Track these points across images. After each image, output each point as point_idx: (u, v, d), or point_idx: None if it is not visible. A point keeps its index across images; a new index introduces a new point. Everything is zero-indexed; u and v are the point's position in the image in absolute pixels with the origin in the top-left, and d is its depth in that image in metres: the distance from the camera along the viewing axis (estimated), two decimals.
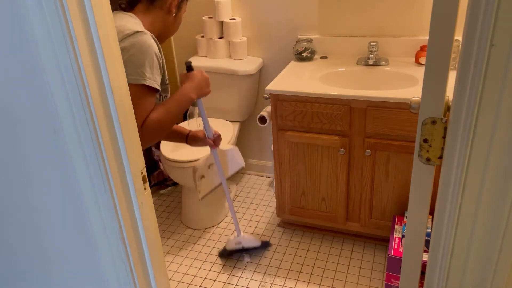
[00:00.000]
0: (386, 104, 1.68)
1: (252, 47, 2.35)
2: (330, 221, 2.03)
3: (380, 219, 1.92)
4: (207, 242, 2.16)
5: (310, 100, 1.79)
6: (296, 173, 1.98)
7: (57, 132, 0.90)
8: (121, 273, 1.04)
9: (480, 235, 0.75)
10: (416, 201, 0.86)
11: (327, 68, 2.03)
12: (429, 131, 0.78)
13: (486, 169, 0.69)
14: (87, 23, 0.80)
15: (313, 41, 2.16)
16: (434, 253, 0.83)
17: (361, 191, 1.89)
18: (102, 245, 1.02)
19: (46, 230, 1.08)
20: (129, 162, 0.94)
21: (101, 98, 0.86)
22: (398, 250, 1.64)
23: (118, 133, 0.91)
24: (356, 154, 1.82)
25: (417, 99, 0.79)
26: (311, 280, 1.87)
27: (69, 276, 1.15)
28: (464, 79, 0.66)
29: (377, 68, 1.99)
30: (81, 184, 0.94)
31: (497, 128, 0.65)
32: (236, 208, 2.41)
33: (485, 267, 0.77)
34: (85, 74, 0.82)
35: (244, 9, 2.26)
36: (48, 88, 0.85)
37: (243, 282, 1.89)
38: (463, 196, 0.73)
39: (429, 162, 0.81)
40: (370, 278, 1.86)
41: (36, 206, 1.05)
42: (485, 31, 0.61)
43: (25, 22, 0.80)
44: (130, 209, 0.99)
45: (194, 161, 1.95)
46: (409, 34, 2.03)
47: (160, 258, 1.12)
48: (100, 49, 0.83)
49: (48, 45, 0.80)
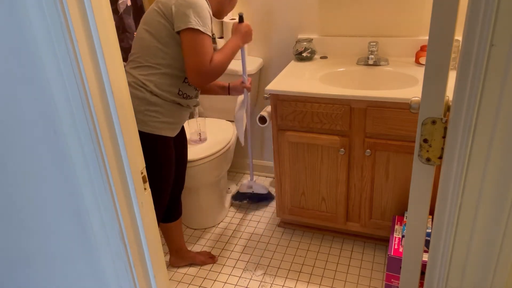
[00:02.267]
0: (386, 104, 1.68)
1: (252, 47, 2.35)
2: (330, 221, 2.03)
3: (380, 219, 1.92)
4: (207, 242, 2.16)
5: (310, 100, 1.79)
6: (296, 173, 1.98)
7: (57, 132, 0.90)
8: (121, 273, 1.04)
9: (480, 235, 0.75)
10: (416, 201, 0.86)
11: (327, 68, 2.03)
12: (429, 131, 0.78)
13: (486, 169, 0.69)
14: (87, 23, 0.80)
15: (313, 41, 2.16)
16: (434, 253, 0.83)
17: (361, 191, 1.89)
18: (102, 245, 1.02)
19: (46, 230, 1.08)
20: (129, 162, 0.94)
21: (101, 98, 0.86)
22: (398, 250, 1.64)
23: (118, 133, 0.91)
24: (356, 154, 1.82)
25: (417, 99, 0.79)
26: (311, 280, 1.87)
27: (69, 276, 1.15)
28: (464, 79, 0.66)
29: (377, 68, 1.99)
30: (81, 184, 0.94)
31: (497, 128, 0.65)
32: (236, 208, 2.41)
33: (485, 267, 0.77)
34: (85, 74, 0.82)
35: (244, 9, 2.26)
36: (48, 88, 0.85)
37: (243, 282, 1.89)
38: (463, 196, 0.73)
39: (429, 162, 0.81)
40: (370, 278, 1.86)
41: (36, 206, 1.05)
42: (485, 31, 0.61)
43: (25, 22, 0.80)
44: (130, 209, 0.99)
45: (194, 160, 1.96)
46: (409, 34, 2.03)
47: (160, 258, 1.12)
48: (100, 49, 0.83)
49: (48, 45, 0.80)
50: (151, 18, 1.48)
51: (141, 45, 1.51)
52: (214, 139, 2.12)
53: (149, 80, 1.49)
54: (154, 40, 1.48)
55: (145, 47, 1.49)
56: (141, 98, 1.47)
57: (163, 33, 1.47)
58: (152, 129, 1.50)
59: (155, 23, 1.47)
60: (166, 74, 1.50)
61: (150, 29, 1.48)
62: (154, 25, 1.47)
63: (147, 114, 1.48)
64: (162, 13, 1.46)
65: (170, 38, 1.47)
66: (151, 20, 1.48)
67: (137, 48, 1.52)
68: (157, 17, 1.47)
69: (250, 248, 2.09)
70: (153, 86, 1.49)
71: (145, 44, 1.49)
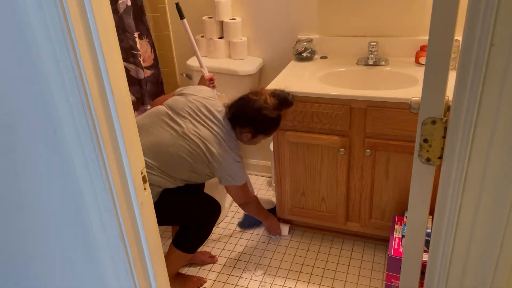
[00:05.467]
0: (386, 104, 1.68)
1: (252, 47, 2.35)
2: (330, 221, 2.03)
3: (380, 219, 1.92)
4: (207, 242, 2.16)
5: (310, 100, 1.79)
6: (296, 173, 1.98)
7: (57, 132, 0.90)
8: (121, 273, 1.04)
9: (480, 235, 0.75)
10: (416, 201, 0.86)
11: (327, 68, 2.03)
12: (429, 131, 0.78)
13: (486, 169, 0.69)
14: (87, 23, 0.80)
15: (313, 41, 2.16)
16: (434, 253, 0.83)
17: (361, 191, 1.89)
18: (102, 245, 1.02)
19: (46, 230, 1.08)
20: (129, 162, 0.94)
21: (101, 98, 0.86)
22: (398, 250, 1.64)
23: (118, 133, 0.91)
24: (356, 154, 1.82)
25: (417, 99, 0.79)
26: (311, 280, 1.87)
27: (69, 276, 1.15)
28: (464, 79, 0.66)
29: (377, 68, 1.99)
30: (81, 184, 0.94)
31: (497, 128, 0.65)
32: (236, 208, 2.41)
33: (485, 267, 0.77)
34: (85, 74, 0.82)
35: (244, 9, 2.26)
36: (48, 88, 0.85)
37: (243, 282, 1.89)
38: (463, 196, 0.73)
39: (429, 162, 0.81)
40: (370, 278, 1.86)
41: (36, 206, 1.05)
42: (485, 31, 0.61)
43: (25, 22, 0.80)
44: (130, 209, 0.99)
45: None
46: (409, 34, 2.03)
47: (160, 258, 1.12)
48: (100, 49, 0.83)
49: (48, 45, 0.80)
50: (199, 160, 1.62)
51: (174, 166, 1.61)
52: None
53: (155, 180, 1.60)
54: (189, 171, 1.62)
55: (177, 168, 1.61)
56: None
57: (202, 170, 1.65)
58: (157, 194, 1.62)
59: (201, 166, 1.63)
60: (174, 182, 1.65)
61: (193, 163, 1.62)
62: (199, 165, 1.63)
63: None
64: (210, 171, 1.66)
65: (203, 165, 1.64)
66: (199, 161, 1.62)
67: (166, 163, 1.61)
68: (205, 164, 1.63)
69: (250, 248, 2.09)
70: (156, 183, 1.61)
71: (179, 167, 1.61)
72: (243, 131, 1.70)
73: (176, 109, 1.66)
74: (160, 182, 1.59)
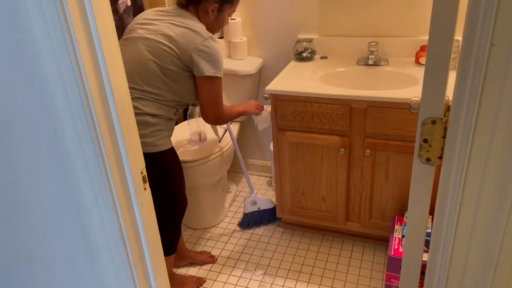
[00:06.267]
0: (386, 104, 1.68)
1: (252, 47, 2.35)
2: (330, 221, 2.03)
3: (380, 219, 1.92)
4: (207, 242, 2.16)
5: (310, 100, 1.79)
6: (296, 173, 1.98)
7: (57, 132, 0.90)
8: (121, 273, 1.04)
9: (480, 235, 0.75)
10: (416, 201, 0.86)
11: (327, 68, 2.03)
12: (429, 131, 0.78)
13: (486, 169, 0.69)
14: (87, 23, 0.80)
15: (313, 41, 2.16)
16: (434, 253, 0.83)
17: (361, 191, 1.89)
18: (102, 245, 1.02)
19: (46, 230, 1.08)
20: (129, 162, 0.94)
21: (101, 98, 0.86)
22: (398, 250, 1.64)
23: (118, 133, 0.91)
24: (356, 154, 1.82)
25: (417, 99, 0.79)
26: (311, 280, 1.87)
27: (69, 276, 1.15)
28: (464, 79, 0.66)
29: (377, 68, 1.99)
30: (81, 184, 0.94)
31: (497, 128, 0.65)
32: (236, 208, 2.41)
33: (485, 267, 0.77)
34: (85, 74, 0.82)
35: (244, 9, 2.26)
36: (48, 88, 0.85)
37: (243, 282, 1.89)
38: (463, 196, 0.73)
39: (429, 162, 0.81)
40: (370, 278, 1.86)
41: (36, 206, 1.05)
42: (485, 31, 0.61)
43: (24, 22, 0.80)
44: (130, 209, 0.99)
45: (194, 160, 1.96)
46: (409, 34, 2.03)
47: (160, 258, 1.12)
48: (100, 49, 0.83)
49: (48, 45, 0.80)
50: (162, 55, 1.53)
51: (147, 75, 1.54)
52: (214, 139, 2.12)
53: (150, 107, 1.54)
54: (161, 75, 1.54)
55: (150, 76, 1.54)
56: (141, 123, 1.51)
57: (173, 71, 1.54)
58: (161, 147, 1.57)
59: (167, 60, 1.53)
60: (166, 105, 1.58)
61: (160, 63, 1.53)
62: (165, 61, 1.53)
63: (151, 135, 1.53)
64: (178, 57, 1.53)
65: (178, 76, 1.56)
66: (163, 57, 1.53)
67: (141, 75, 1.54)
68: (170, 56, 1.53)
69: (250, 248, 2.09)
70: (152, 112, 1.55)
71: (151, 74, 1.54)
72: (207, 4, 1.59)
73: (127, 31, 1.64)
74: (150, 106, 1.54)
